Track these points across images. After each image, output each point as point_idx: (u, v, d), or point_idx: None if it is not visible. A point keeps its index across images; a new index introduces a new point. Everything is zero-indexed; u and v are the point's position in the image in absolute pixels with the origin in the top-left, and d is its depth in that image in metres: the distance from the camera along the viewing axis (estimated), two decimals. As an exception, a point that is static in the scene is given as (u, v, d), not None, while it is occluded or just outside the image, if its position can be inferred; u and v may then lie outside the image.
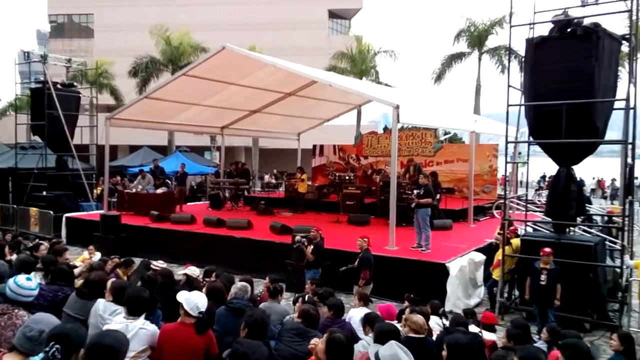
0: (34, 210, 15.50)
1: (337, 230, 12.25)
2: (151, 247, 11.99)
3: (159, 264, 6.24)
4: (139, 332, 3.70)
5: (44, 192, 16.08)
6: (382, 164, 19.20)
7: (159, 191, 15.83)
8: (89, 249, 9.14)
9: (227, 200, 17.69)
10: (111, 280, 5.01)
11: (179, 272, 6.36)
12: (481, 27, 25.40)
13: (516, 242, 8.98)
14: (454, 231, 12.60)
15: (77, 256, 9.68)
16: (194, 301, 3.82)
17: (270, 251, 10.71)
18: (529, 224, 10.31)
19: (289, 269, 9.34)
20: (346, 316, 5.30)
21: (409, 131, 20.19)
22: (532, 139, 9.17)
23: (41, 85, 17.00)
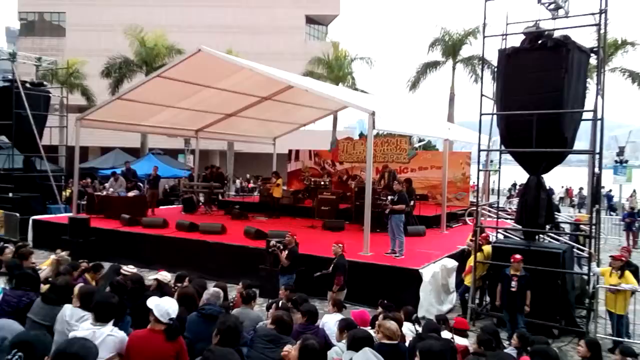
0: (-1, 212, 15.01)
1: (311, 235, 12.22)
2: (121, 252, 11.75)
3: (129, 269, 6.12)
4: (106, 338, 3.62)
5: (10, 194, 15.58)
6: (358, 170, 19.32)
7: (131, 194, 15.54)
8: (56, 252, 8.88)
9: (200, 204, 17.49)
10: (79, 285, 4.88)
11: (150, 277, 6.24)
12: (455, 37, 25.84)
13: (487, 248, 9.13)
14: (427, 237, 12.73)
15: (43, 260, 9.38)
16: (165, 307, 3.74)
17: (244, 256, 10.61)
18: (500, 231, 10.50)
19: (262, 274, 9.26)
20: (320, 322, 5.28)
21: (384, 138, 20.36)
22: (503, 148, 9.36)
23: (9, 83, 16.49)
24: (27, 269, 5.67)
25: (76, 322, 4.01)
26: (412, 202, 13.01)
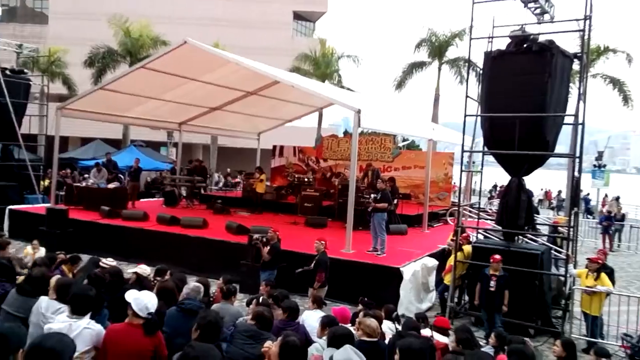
0: (-26, 201, 14.65)
1: (294, 231, 12.21)
2: (100, 244, 11.56)
3: (108, 262, 6.02)
4: (83, 331, 3.58)
5: (-14, 183, 15.27)
6: (342, 168, 19.34)
7: (111, 186, 15.32)
8: (32, 243, 8.72)
9: (182, 197, 17.32)
10: (55, 277, 4.79)
11: (129, 271, 6.16)
12: (442, 38, 25.99)
13: (468, 248, 9.22)
14: (408, 236, 12.81)
15: (19, 250, 9.21)
16: (143, 301, 3.70)
17: (225, 251, 10.55)
18: (480, 231, 10.62)
19: (243, 269, 9.21)
20: (300, 318, 5.28)
21: (368, 136, 20.40)
22: (486, 149, 9.45)
23: (-12, 70, 16.15)
24: (2, 259, 5.56)
25: (52, 314, 3.95)
26: (395, 201, 13.07)
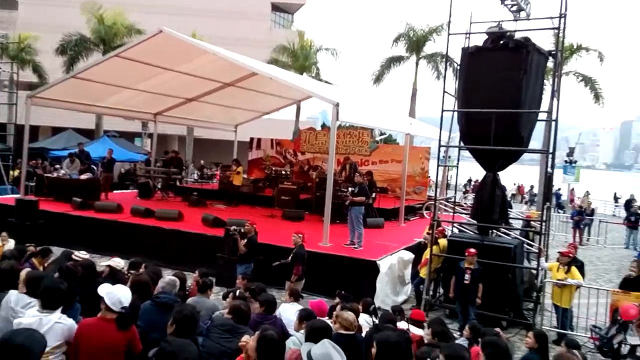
0: (-62, 191, 14.17)
1: (271, 225, 12.16)
2: (72, 237, 11.31)
3: (80, 255, 5.88)
4: (54, 326, 3.50)
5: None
6: (319, 161, 19.33)
7: (83, 177, 14.98)
8: (1, 235, 8.46)
9: (157, 189, 17.06)
10: (25, 270, 4.66)
11: (102, 264, 6.03)
12: (420, 33, 26.12)
13: (443, 242, 9.34)
14: (385, 230, 12.90)
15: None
16: (117, 295, 3.63)
17: (201, 244, 10.44)
18: (455, 225, 10.75)
19: (220, 262, 9.14)
20: (277, 311, 5.26)
21: (346, 130, 20.43)
22: (462, 144, 9.56)
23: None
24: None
25: (22, 308, 3.86)
26: (373, 195, 13.14)
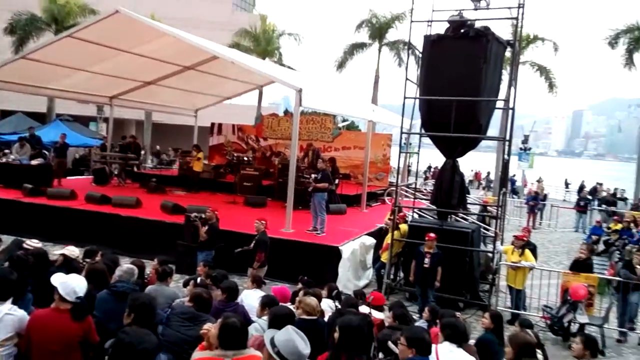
0: None
1: (232, 211, 12.02)
2: (23, 225, 10.83)
3: (32, 243, 5.64)
4: (4, 318, 3.38)
5: None
6: (282, 147, 19.23)
7: (34, 162, 14.35)
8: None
9: (113, 175, 16.55)
10: (-29, 260, 4.43)
11: (56, 252, 5.80)
12: (382, 20, 26.22)
13: (404, 227, 9.50)
14: (347, 215, 13.01)
15: None
16: (71, 285, 3.50)
17: (160, 231, 10.23)
18: (416, 210, 10.97)
19: (180, 250, 8.99)
20: (239, 298, 5.22)
21: (309, 116, 20.36)
22: (424, 131, 9.70)
23: None
24: None
25: (-31, 300, 3.65)
26: (336, 181, 13.19)
